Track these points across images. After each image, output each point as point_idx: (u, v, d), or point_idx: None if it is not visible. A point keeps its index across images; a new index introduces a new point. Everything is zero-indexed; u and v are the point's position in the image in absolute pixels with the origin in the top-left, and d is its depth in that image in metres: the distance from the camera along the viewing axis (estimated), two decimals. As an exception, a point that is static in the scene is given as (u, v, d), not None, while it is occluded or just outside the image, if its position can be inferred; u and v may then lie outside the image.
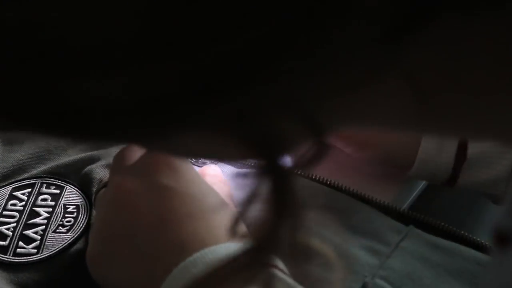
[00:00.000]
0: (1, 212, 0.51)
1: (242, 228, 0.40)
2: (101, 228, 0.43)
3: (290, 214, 0.23)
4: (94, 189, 0.52)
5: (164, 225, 0.39)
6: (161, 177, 0.41)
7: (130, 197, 0.41)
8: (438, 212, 0.57)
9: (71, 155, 0.57)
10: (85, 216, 0.51)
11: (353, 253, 0.45)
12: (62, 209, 0.51)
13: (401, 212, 0.49)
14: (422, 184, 0.60)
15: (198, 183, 0.42)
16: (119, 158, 0.47)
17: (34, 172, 0.55)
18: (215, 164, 0.57)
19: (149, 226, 0.39)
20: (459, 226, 0.51)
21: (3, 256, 0.47)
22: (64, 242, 0.49)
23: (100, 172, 0.53)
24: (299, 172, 0.52)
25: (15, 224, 0.50)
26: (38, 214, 0.51)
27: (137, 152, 0.46)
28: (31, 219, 0.50)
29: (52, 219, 0.51)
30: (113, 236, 0.41)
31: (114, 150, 0.56)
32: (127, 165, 0.45)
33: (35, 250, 0.48)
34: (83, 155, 0.56)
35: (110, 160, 0.54)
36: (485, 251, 0.47)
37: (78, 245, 0.49)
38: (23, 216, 0.51)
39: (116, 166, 0.46)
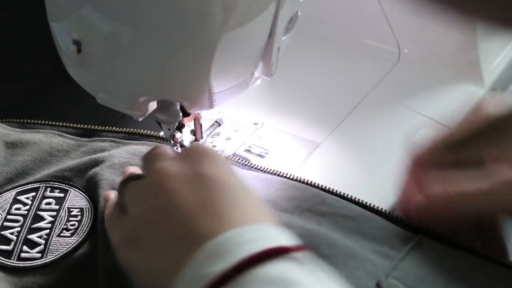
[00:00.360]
0: (5, 216, 0.51)
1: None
2: (138, 213, 0.42)
3: None
4: (100, 191, 0.51)
5: (202, 211, 0.39)
6: (203, 166, 0.42)
7: (172, 181, 0.41)
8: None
9: (75, 158, 0.56)
10: (89, 220, 0.50)
11: (366, 255, 0.45)
12: (66, 213, 0.51)
13: (409, 223, 0.49)
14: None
15: (235, 175, 0.43)
16: (151, 157, 0.46)
17: (38, 176, 0.54)
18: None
19: (188, 210, 0.39)
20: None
21: (7, 260, 0.47)
22: (68, 246, 0.48)
23: (105, 174, 0.53)
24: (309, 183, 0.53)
25: (19, 229, 0.49)
26: (42, 218, 0.50)
27: (168, 151, 0.46)
28: (35, 223, 0.50)
29: (56, 223, 0.50)
30: (149, 220, 0.41)
31: (118, 152, 0.56)
32: (163, 160, 0.45)
33: (40, 255, 0.48)
34: (86, 158, 0.55)
35: (114, 161, 0.54)
36: (490, 260, 0.47)
37: (83, 249, 0.48)
38: (27, 220, 0.50)
39: (149, 163, 0.46)
